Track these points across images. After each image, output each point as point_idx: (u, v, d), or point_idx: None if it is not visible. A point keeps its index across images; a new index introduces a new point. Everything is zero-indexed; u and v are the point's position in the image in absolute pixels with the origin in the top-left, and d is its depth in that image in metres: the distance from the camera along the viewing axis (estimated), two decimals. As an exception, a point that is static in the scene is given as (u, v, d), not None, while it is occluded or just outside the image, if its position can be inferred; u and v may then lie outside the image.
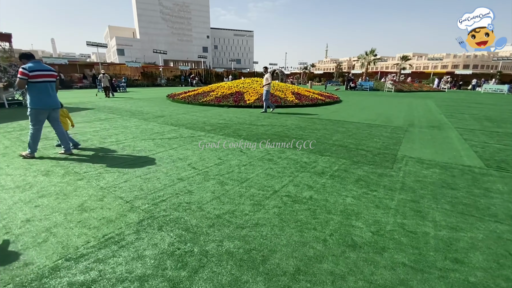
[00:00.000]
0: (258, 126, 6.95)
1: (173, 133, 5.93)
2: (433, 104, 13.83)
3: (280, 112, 9.70)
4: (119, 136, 5.60)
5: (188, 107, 10.88)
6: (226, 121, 7.68)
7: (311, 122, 7.67)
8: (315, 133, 6.15)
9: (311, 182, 3.27)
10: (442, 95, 21.48)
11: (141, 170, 3.61)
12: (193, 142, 5.14)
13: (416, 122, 7.91)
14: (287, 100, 11.70)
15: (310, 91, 14.50)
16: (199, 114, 8.93)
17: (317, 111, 10.28)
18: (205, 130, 6.27)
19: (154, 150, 4.60)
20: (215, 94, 12.38)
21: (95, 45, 26.71)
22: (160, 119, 7.89)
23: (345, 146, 5.00)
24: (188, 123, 7.17)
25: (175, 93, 14.79)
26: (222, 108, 10.73)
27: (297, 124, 7.24)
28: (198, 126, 6.82)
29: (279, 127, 6.85)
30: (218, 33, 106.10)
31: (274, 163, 3.98)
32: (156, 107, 10.71)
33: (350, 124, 7.35)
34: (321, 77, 52.44)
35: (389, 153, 4.59)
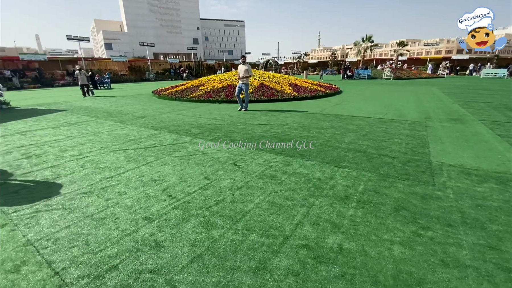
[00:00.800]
0: (254, 126, 5.94)
1: (151, 140, 4.89)
2: (440, 92, 12.94)
3: (278, 109, 8.67)
4: (84, 147, 4.54)
5: (175, 104, 9.77)
6: (217, 120, 6.65)
7: (314, 119, 6.69)
8: (322, 133, 5.17)
9: (334, 216, 2.31)
10: (443, 82, 20.64)
11: (96, 203, 2.60)
12: (175, 153, 4.12)
13: (433, 115, 6.99)
14: (285, 93, 10.66)
15: (308, 82, 13.47)
16: (186, 113, 7.86)
17: (318, 104, 9.28)
18: (191, 134, 5.24)
19: (122, 166, 3.58)
20: (205, 89, 11.26)
21: (76, 39, 24.99)
22: (140, 120, 6.81)
23: (363, 151, 4.04)
24: (171, 125, 6.12)
25: (162, 88, 13.59)
26: (213, 105, 9.65)
27: (300, 122, 6.25)
28: (183, 128, 5.78)
29: (279, 126, 5.85)
30: (208, 24, 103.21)
31: (279, 182, 3.01)
32: (138, 106, 9.58)
33: (360, 120, 6.38)
34: (316, 66, 51.20)
35: (420, 160, 3.65)
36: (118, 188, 2.93)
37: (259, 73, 13.54)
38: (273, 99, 10.15)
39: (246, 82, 7.83)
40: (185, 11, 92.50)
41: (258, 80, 12.04)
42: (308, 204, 2.51)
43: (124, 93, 15.29)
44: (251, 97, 10.15)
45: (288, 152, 4.05)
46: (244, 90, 7.87)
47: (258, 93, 10.48)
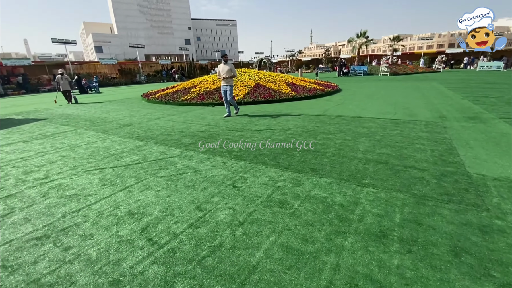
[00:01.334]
0: (253, 132, 5.28)
1: (135, 154, 4.20)
2: (442, 87, 12.45)
3: (277, 111, 8.02)
4: (54, 166, 3.84)
5: (165, 109, 9.06)
6: (211, 127, 5.98)
7: (319, 121, 6.06)
8: (331, 139, 4.54)
9: (375, 269, 1.67)
10: (442, 76, 20.24)
11: (48, 257, 1.93)
12: (161, 171, 3.44)
13: (446, 113, 6.43)
14: (283, 93, 10.02)
15: (305, 80, 12.85)
16: (177, 119, 7.16)
17: (319, 104, 8.66)
18: (182, 146, 4.56)
19: (95, 193, 2.90)
20: (198, 91, 10.55)
21: (62, 42, 23.96)
22: (124, 129, 6.09)
23: (384, 162, 3.42)
24: (160, 135, 5.43)
25: (151, 91, 12.83)
26: (206, 108, 8.96)
27: (303, 126, 5.61)
28: (173, 138, 5.10)
29: (280, 132, 5.21)
30: (200, 24, 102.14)
31: (291, 212, 2.36)
32: (125, 112, 8.84)
33: (369, 122, 5.78)
34: (310, 64, 50.71)
35: (456, 172, 3.04)
36: (84, 228, 2.25)
37: (254, 73, 12.87)
38: (270, 100, 9.51)
39: (230, 84, 6.92)
40: (176, 12, 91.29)
41: (253, 80, 11.38)
42: (336, 249, 1.87)
43: (113, 97, 14.48)
44: (247, 98, 9.49)
45: (296, 166, 3.41)
46: (229, 93, 6.93)
47: (254, 94, 9.82)
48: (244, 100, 9.41)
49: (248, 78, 11.78)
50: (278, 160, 3.65)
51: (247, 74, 12.44)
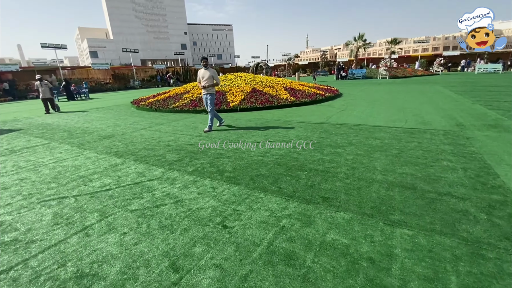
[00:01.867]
0: (250, 144, 4.61)
1: (107, 177, 3.50)
2: (447, 90, 11.92)
3: (276, 119, 7.37)
4: (5, 194, 3.12)
5: (154, 117, 8.36)
6: (201, 138, 5.30)
7: (323, 131, 5.41)
8: (341, 155, 3.88)
9: None
10: (442, 79, 19.81)
11: None
12: (133, 202, 2.75)
13: (462, 121, 5.82)
14: (281, 98, 9.39)
15: (304, 85, 12.25)
16: (165, 128, 6.47)
17: (321, 110, 8.03)
18: (165, 163, 3.88)
19: (41, 238, 2.20)
20: (190, 97, 9.88)
21: (52, 47, 23.22)
22: (104, 142, 5.39)
23: (412, 187, 2.77)
24: (142, 149, 4.73)
25: (142, 97, 12.13)
26: (199, 115, 8.29)
27: (306, 137, 4.95)
28: (156, 153, 4.40)
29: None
30: (196, 29, 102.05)
31: (303, 274, 1.68)
32: (110, 120, 8.13)
33: (380, 131, 5.14)
34: (306, 68, 50.41)
35: (507, 203, 2.39)
36: (4, 304, 1.55)
37: (251, 77, 12.25)
38: (268, 106, 8.87)
39: (211, 92, 5.94)
40: (172, 17, 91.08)
41: (250, 85, 10.75)
42: None
43: (102, 104, 13.76)
44: (243, 104, 8.83)
45: (303, 193, 2.74)
46: (209, 102, 5.95)
47: (251, 100, 9.18)
48: (240, 106, 8.76)
49: (244, 83, 11.15)
50: (280, 184, 2.98)
51: (243, 79, 11.82)
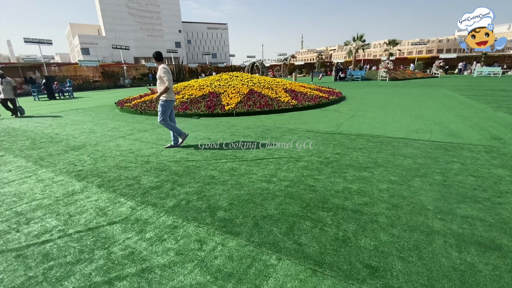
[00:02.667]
0: (249, 163, 3.67)
1: (53, 216, 2.50)
2: (456, 94, 11.20)
3: (278, 127, 6.44)
4: None
5: (138, 121, 7.34)
6: (189, 152, 4.32)
7: (337, 143, 4.49)
8: (369, 181, 2.97)
9: None
10: (444, 82, 19.20)
11: None
12: (75, 271, 1.77)
13: (496, 132, 5.00)
14: (282, 102, 8.47)
15: (305, 86, 11.36)
16: (148, 137, 5.47)
17: (328, 116, 7.13)
18: (138, 193, 2.90)
19: None
20: (180, 98, 8.87)
21: (36, 42, 21.80)
22: (70, 156, 4.37)
23: (493, 247, 1.86)
24: (114, 167, 3.73)
25: (128, 97, 11.05)
26: (190, 120, 7.30)
27: (319, 153, 4.03)
28: (130, 175, 3.42)
29: (288, 164, 3.61)
30: (190, 27, 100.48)
31: None
32: (87, 125, 7.07)
33: (405, 146, 4.25)
34: (302, 68, 49.68)
35: None
36: None
37: (248, 77, 11.30)
38: (267, 110, 7.94)
39: (166, 97, 4.37)
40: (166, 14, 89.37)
41: (247, 86, 9.80)
42: None
43: (84, 104, 12.60)
44: (240, 108, 7.88)
45: (336, 258, 1.81)
46: (159, 111, 4.44)
47: (248, 103, 8.23)
48: (236, 110, 7.80)
49: (241, 83, 10.20)
50: (299, 237, 2.04)
51: (239, 79, 10.86)
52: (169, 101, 4.42)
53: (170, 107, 4.48)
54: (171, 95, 4.42)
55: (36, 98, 15.26)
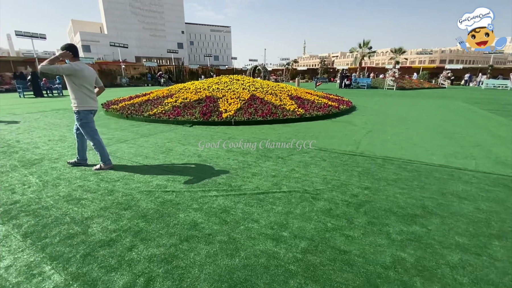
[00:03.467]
0: (250, 198, 2.66)
1: None
2: (477, 108, 10.26)
3: (285, 141, 5.45)
4: None
5: (121, 128, 6.33)
6: (173, 174, 3.32)
7: (364, 172, 3.49)
8: (432, 247, 1.97)
9: None
10: (455, 93, 18.31)
11: None
12: None
13: (557, 160, 4.01)
14: (287, 110, 7.49)
15: (311, 93, 10.40)
16: (124, 150, 4.46)
17: (341, 130, 6.14)
18: (76, 256, 1.88)
19: None
20: (173, 102, 7.88)
21: (28, 36, 20.84)
22: (16, 176, 3.34)
23: None
24: (63, 198, 2.72)
25: (117, 98, 10.04)
26: (181, 128, 6.30)
27: (340, 186, 3.03)
28: (78, 215, 2.40)
29: (303, 204, 2.61)
30: (193, 28, 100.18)
31: None
32: (60, 130, 6.06)
33: (452, 179, 3.26)
34: (305, 74, 48.94)
35: None
36: None
37: (249, 81, 10.35)
38: (271, 119, 6.95)
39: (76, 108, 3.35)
40: (169, 15, 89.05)
41: (248, 91, 8.84)
42: None
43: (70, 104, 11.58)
44: (239, 116, 6.89)
45: None
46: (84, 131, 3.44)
47: (249, 110, 7.25)
48: (235, 118, 6.81)
49: (242, 87, 9.23)
50: None
51: (240, 83, 9.90)
52: (85, 112, 3.33)
53: (90, 119, 3.41)
54: (87, 102, 3.34)
55: (22, 95, 14.23)
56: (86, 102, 3.34)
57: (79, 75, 3.22)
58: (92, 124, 3.46)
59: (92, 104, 3.42)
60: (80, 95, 3.29)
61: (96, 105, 3.53)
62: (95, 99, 3.50)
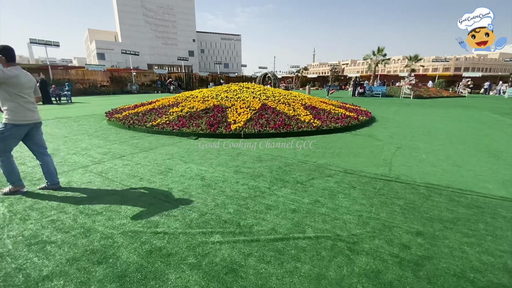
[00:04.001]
0: (263, 245, 2.00)
1: None
2: (510, 119, 9.30)
3: (301, 159, 4.76)
4: None
5: (121, 140, 5.80)
6: (162, 215, 2.69)
7: (408, 208, 2.77)
8: None
9: None
10: (478, 103, 17.20)
11: None
12: None
13: None
14: (302, 122, 6.82)
15: (326, 102, 9.71)
16: (119, 169, 3.88)
17: (364, 145, 5.40)
18: None
19: None
20: (179, 112, 7.34)
21: (43, 43, 21.13)
22: (-21, 204, 2.79)
23: None
24: (21, 243, 2.12)
25: (123, 107, 9.62)
26: (185, 141, 5.71)
27: (388, 235, 2.31)
28: (31, 274, 1.79)
29: (339, 258, 1.91)
30: (204, 36, 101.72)
31: None
32: (56, 142, 5.58)
33: (530, 220, 2.49)
34: (315, 81, 48.25)
35: None
36: None
37: (260, 90, 9.76)
38: (284, 132, 6.29)
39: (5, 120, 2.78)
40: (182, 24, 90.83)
41: (259, 100, 8.23)
42: None
43: (76, 111, 11.28)
44: (249, 127, 6.26)
45: None
46: None
47: (260, 121, 6.62)
48: (245, 130, 6.19)
49: (252, 96, 8.65)
50: None
51: (250, 91, 9.33)
52: (15, 126, 2.78)
53: (15, 135, 2.83)
54: (22, 115, 2.80)
55: (30, 102, 14.14)
56: (21, 115, 2.79)
57: (13, 82, 2.67)
58: (11, 142, 2.84)
59: (29, 117, 2.85)
60: (15, 106, 2.74)
61: (36, 117, 2.97)
62: (34, 110, 2.95)
